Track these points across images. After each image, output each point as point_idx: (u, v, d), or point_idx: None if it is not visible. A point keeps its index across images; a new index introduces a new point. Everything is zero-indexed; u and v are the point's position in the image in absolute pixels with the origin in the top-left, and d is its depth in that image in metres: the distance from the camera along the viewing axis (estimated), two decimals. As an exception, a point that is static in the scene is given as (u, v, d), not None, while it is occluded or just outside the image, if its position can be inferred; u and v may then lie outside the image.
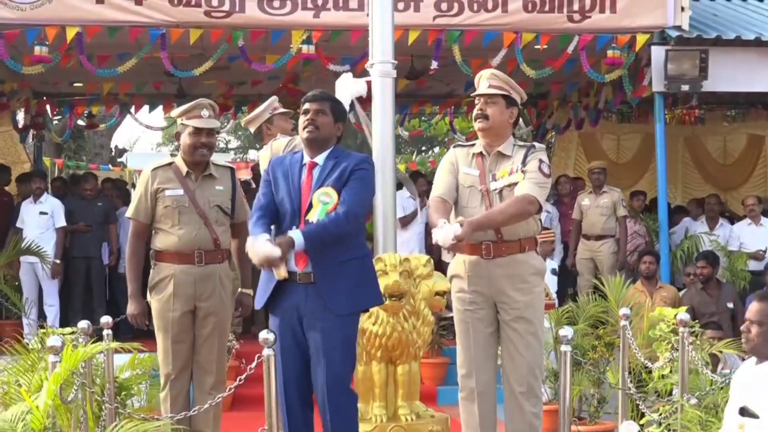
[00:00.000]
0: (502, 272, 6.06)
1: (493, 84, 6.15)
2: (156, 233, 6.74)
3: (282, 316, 5.82)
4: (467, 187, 6.13)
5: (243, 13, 11.23)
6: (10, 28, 11.13)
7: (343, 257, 5.75)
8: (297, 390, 5.88)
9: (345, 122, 6.10)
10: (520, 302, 6.06)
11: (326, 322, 5.71)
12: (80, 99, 16.56)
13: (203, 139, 6.74)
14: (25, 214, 12.63)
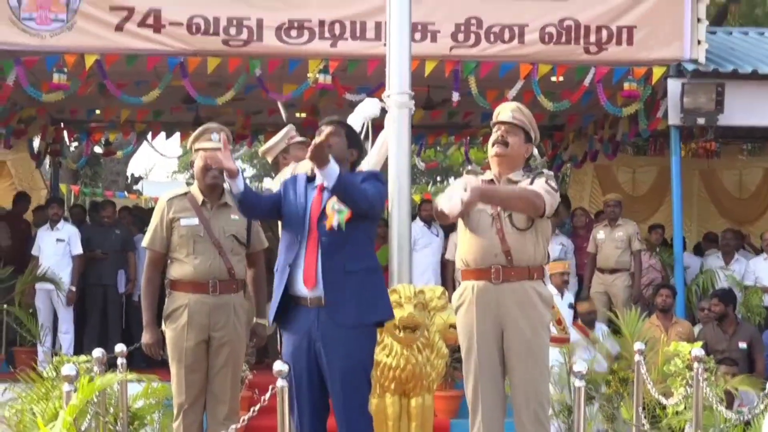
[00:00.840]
0: (511, 298, 6.02)
1: (517, 116, 6.17)
2: (171, 262, 6.74)
3: (294, 342, 5.83)
4: (477, 212, 6.11)
5: (261, 42, 11.29)
6: (29, 55, 11.21)
7: (350, 267, 5.74)
8: (311, 416, 5.88)
9: (360, 151, 6.12)
10: (528, 330, 6.01)
11: (338, 338, 5.71)
12: (97, 126, 16.63)
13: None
14: (42, 241, 12.64)
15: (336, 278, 5.72)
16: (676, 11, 11.70)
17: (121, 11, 11.15)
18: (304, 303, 5.77)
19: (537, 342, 6.07)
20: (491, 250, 6.01)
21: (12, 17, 11.02)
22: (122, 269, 13.04)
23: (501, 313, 6.00)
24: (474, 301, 6.04)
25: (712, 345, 10.88)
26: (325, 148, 5.53)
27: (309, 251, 5.77)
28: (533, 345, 6.05)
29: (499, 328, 6.05)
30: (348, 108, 12.33)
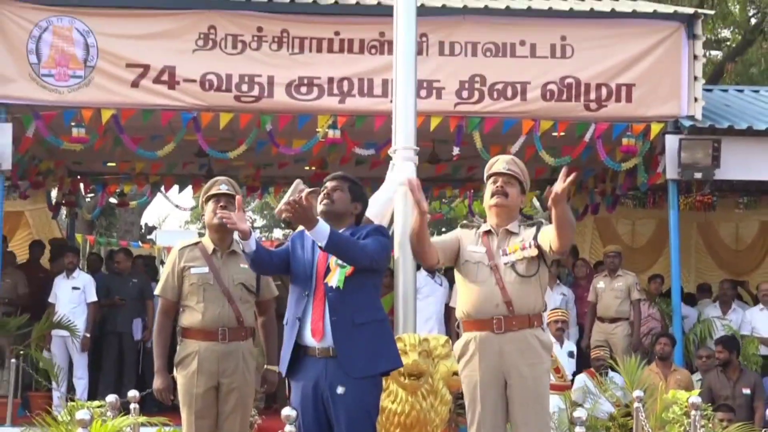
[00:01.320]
0: (513, 347, 5.99)
1: (513, 168, 6.19)
2: (183, 310, 6.76)
3: (303, 390, 5.83)
4: (475, 263, 6.11)
5: (271, 98, 11.36)
6: (48, 110, 11.29)
7: (359, 319, 5.76)
8: None
9: (364, 205, 6.15)
10: (530, 377, 5.99)
11: (346, 387, 5.72)
12: (112, 177, 16.69)
13: (222, 203, 6.79)
14: (58, 288, 12.67)
15: (345, 331, 5.74)
16: (674, 70, 11.77)
17: (136, 68, 11.24)
18: (312, 353, 5.79)
19: (540, 389, 6.06)
20: (492, 301, 6.00)
21: (32, 73, 11.12)
22: (139, 317, 13.05)
23: (504, 362, 5.98)
24: (477, 352, 6.02)
25: (717, 391, 10.90)
26: (307, 209, 5.56)
27: (316, 305, 5.80)
28: (536, 392, 6.04)
29: (502, 376, 6.02)
30: (356, 162, 12.49)
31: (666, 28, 11.84)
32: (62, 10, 11.24)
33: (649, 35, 11.82)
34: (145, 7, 11.48)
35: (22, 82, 11.14)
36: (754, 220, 16.67)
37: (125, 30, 11.33)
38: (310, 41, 11.45)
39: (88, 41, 11.19)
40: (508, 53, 11.58)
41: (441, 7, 11.72)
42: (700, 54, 11.83)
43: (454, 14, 11.64)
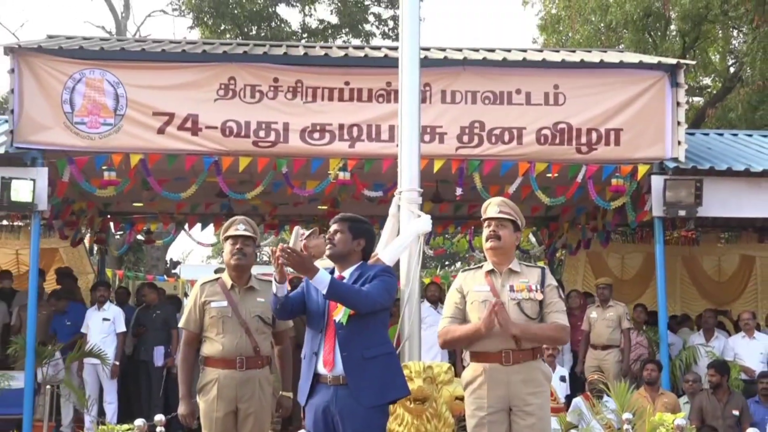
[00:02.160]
0: (519, 378, 6.03)
1: (503, 210, 6.24)
2: (204, 341, 6.78)
3: (315, 414, 5.87)
4: (481, 302, 6.14)
5: (287, 143, 11.40)
6: (80, 155, 11.36)
7: (368, 354, 5.81)
8: None
9: (368, 239, 6.18)
10: (534, 404, 6.02)
11: (357, 415, 5.76)
12: (140, 217, 16.75)
13: (238, 245, 6.83)
14: (90, 319, 12.71)
15: (355, 365, 5.79)
16: (659, 115, 11.80)
17: (162, 116, 11.32)
18: (324, 381, 5.85)
19: (543, 414, 6.10)
20: (501, 336, 6.02)
21: (66, 122, 11.19)
22: (161, 345, 13.05)
23: (510, 392, 6.01)
24: (486, 381, 6.05)
25: (707, 412, 10.87)
26: (305, 258, 5.67)
27: (327, 339, 5.86)
28: (540, 417, 6.07)
29: (508, 404, 6.06)
30: (365, 202, 12.51)
31: (651, 77, 11.89)
32: (94, 63, 11.34)
33: (636, 84, 11.86)
34: (170, 60, 11.59)
35: (57, 129, 11.21)
36: (735, 253, 16.69)
37: (152, 81, 11.41)
38: (323, 90, 11.52)
39: (118, 92, 11.26)
40: (505, 101, 11.63)
41: (443, 58, 11.83)
42: (682, 101, 11.86)
43: (454, 65, 11.72)
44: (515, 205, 6.35)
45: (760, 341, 12.88)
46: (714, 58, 25.21)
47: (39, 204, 11.17)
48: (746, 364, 12.41)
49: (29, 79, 11.25)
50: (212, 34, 27.48)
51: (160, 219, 16.59)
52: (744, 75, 23.50)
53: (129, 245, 19.58)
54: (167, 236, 19.12)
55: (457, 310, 6.25)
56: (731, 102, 24.18)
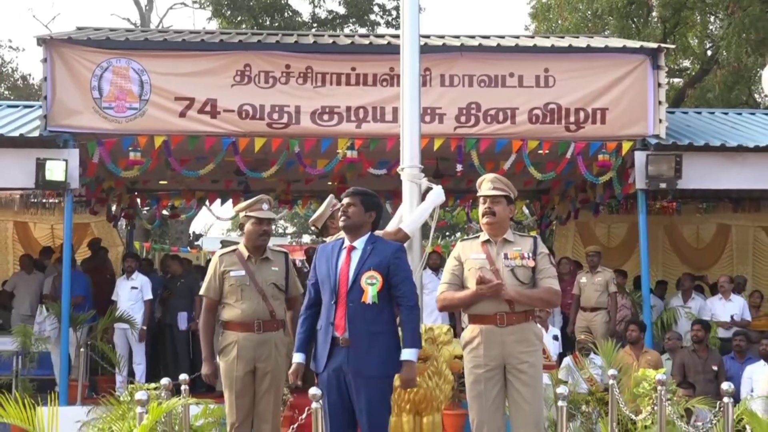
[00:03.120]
0: (513, 338, 6.08)
1: (497, 186, 6.29)
2: (224, 306, 6.81)
3: (329, 376, 5.90)
4: (477, 269, 6.17)
5: (298, 124, 11.38)
6: (108, 137, 11.36)
7: (374, 329, 5.84)
8: (341, 428, 5.94)
9: (378, 211, 6.20)
10: (527, 362, 6.07)
11: (366, 382, 5.83)
12: (164, 193, 16.77)
13: (264, 227, 6.84)
14: (120, 288, 12.76)
15: (362, 338, 5.85)
16: (641, 96, 11.75)
17: (183, 101, 11.30)
18: (337, 343, 5.89)
19: (535, 371, 6.14)
20: (495, 300, 6.08)
21: (95, 107, 11.18)
22: (184, 311, 13.10)
23: (505, 351, 6.06)
24: (482, 341, 6.10)
25: (690, 368, 10.91)
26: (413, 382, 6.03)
27: (339, 309, 5.92)
28: (533, 374, 6.12)
29: (503, 362, 6.10)
30: (371, 178, 12.52)
31: (634, 60, 11.84)
32: (120, 52, 11.33)
33: (620, 67, 11.80)
34: (190, 49, 11.58)
35: (87, 113, 11.21)
36: (712, 222, 16.65)
37: (174, 68, 11.39)
38: (331, 76, 11.49)
39: (143, 78, 11.25)
40: (499, 84, 11.59)
41: (441, 45, 11.79)
42: (663, 82, 11.81)
43: (452, 51, 11.68)
44: (507, 180, 6.40)
45: (736, 303, 12.92)
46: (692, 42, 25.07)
47: (71, 183, 11.18)
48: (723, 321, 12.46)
49: (61, 68, 11.24)
50: (229, 25, 27.42)
51: (183, 195, 16.63)
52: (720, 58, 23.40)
53: (157, 220, 19.60)
54: (190, 211, 19.16)
55: (455, 277, 6.28)
56: (708, 83, 24.10)
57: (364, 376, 5.83)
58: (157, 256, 21.02)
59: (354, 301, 5.86)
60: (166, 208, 17.83)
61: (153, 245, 23.36)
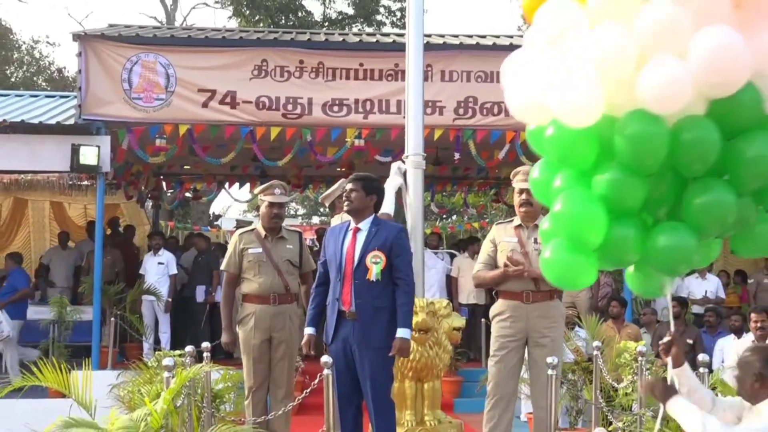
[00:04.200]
0: (537, 314, 6.21)
1: None
2: (243, 281, 6.82)
3: (337, 346, 5.90)
4: (510, 251, 6.32)
5: (311, 115, 11.36)
6: (137, 126, 11.35)
7: (378, 304, 5.84)
8: (349, 400, 5.96)
9: (379, 194, 6.19)
10: (548, 337, 6.20)
11: (370, 352, 5.83)
12: (188, 177, 16.77)
13: (275, 210, 6.83)
14: (147, 263, 12.78)
15: (367, 313, 5.85)
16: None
17: (206, 92, 11.28)
18: (344, 316, 5.91)
19: (555, 345, 6.32)
20: (523, 278, 6.23)
21: (125, 97, 11.17)
22: (202, 285, 13.11)
23: (529, 325, 6.20)
24: (509, 315, 6.22)
25: None
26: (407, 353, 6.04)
27: (346, 285, 5.91)
28: (552, 347, 6.28)
29: (526, 335, 6.27)
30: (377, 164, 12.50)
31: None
32: (148, 48, 11.30)
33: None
34: (212, 45, 11.59)
35: (117, 103, 11.19)
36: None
37: (197, 63, 11.36)
38: (341, 71, 11.45)
39: (169, 72, 11.22)
40: (495, 79, 11.53)
41: (442, 44, 11.78)
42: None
43: (452, 49, 11.66)
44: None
45: (711, 281, 12.91)
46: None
47: (103, 166, 11.18)
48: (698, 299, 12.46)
49: (94, 62, 11.21)
50: (248, 23, 27.36)
51: (204, 179, 16.63)
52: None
53: (179, 201, 19.59)
54: (210, 194, 19.15)
55: (489, 258, 6.41)
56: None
57: (369, 347, 5.82)
58: (181, 234, 21.02)
59: (360, 278, 5.85)
60: (189, 190, 17.84)
61: (177, 224, 23.33)
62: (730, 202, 3.78)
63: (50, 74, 29.71)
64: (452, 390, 10.90)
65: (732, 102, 3.71)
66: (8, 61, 28.80)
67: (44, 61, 30.32)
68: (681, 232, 3.86)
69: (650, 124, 3.70)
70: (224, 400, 7.66)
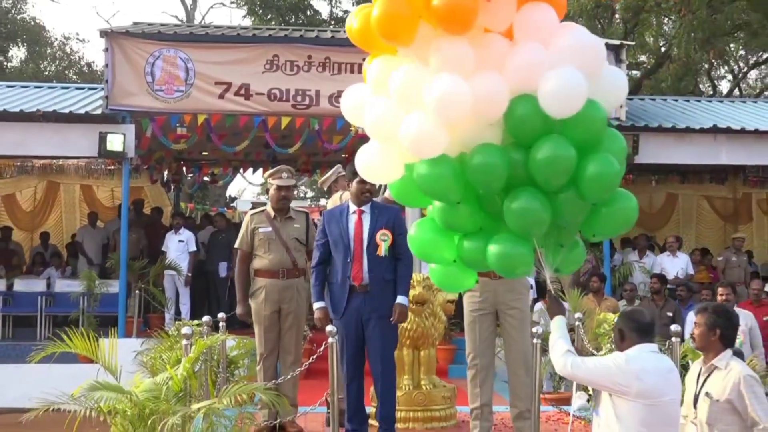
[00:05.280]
0: (503, 288, 6.11)
1: None
2: (255, 257, 6.80)
3: (349, 317, 5.94)
4: None
5: (318, 106, 11.35)
6: (159, 115, 11.34)
7: (386, 277, 5.92)
8: (357, 366, 6.05)
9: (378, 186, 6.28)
10: (515, 308, 6.11)
11: (382, 320, 5.91)
12: (206, 163, 16.76)
13: (283, 192, 6.81)
14: (168, 241, 12.77)
15: (378, 284, 5.93)
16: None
17: (222, 85, 11.27)
18: (355, 290, 5.96)
19: (522, 315, 6.21)
20: None
21: (148, 89, 11.16)
22: (224, 261, 13.10)
23: (497, 298, 6.10)
24: (479, 290, 6.10)
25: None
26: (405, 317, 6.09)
27: (356, 264, 5.96)
28: (520, 318, 6.19)
29: (495, 307, 6.17)
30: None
31: (600, 54, 11.74)
32: (169, 44, 11.28)
33: (588, 60, 11.71)
34: (228, 41, 11.54)
35: (141, 95, 11.18)
36: (662, 192, 16.58)
37: (214, 58, 11.34)
38: (346, 65, 11.42)
39: (188, 66, 11.20)
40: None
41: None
42: (624, 73, 11.69)
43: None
44: None
45: (681, 258, 12.88)
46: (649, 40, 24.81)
47: (128, 153, 11.21)
48: (670, 277, 12.41)
49: (119, 56, 11.19)
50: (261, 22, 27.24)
51: (221, 164, 16.61)
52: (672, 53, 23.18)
53: (199, 185, 19.57)
54: (226, 177, 19.15)
55: None
56: (662, 75, 23.93)
57: (381, 316, 5.90)
58: (199, 215, 21.02)
59: (371, 255, 5.91)
60: (207, 174, 17.84)
61: (196, 206, 23.33)
62: (537, 206, 4.11)
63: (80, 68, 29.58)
64: (446, 357, 10.92)
65: (518, 122, 4.10)
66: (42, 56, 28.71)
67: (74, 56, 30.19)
68: (508, 240, 4.25)
69: (438, 165, 4.19)
70: (238, 366, 7.70)
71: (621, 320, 4.38)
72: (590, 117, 4.14)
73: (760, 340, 9.39)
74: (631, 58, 23.80)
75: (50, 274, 13.30)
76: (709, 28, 20.84)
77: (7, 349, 11.70)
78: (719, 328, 4.59)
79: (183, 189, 18.84)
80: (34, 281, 13.01)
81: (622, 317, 4.40)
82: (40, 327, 12.24)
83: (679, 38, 21.04)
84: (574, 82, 4.00)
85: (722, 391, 4.48)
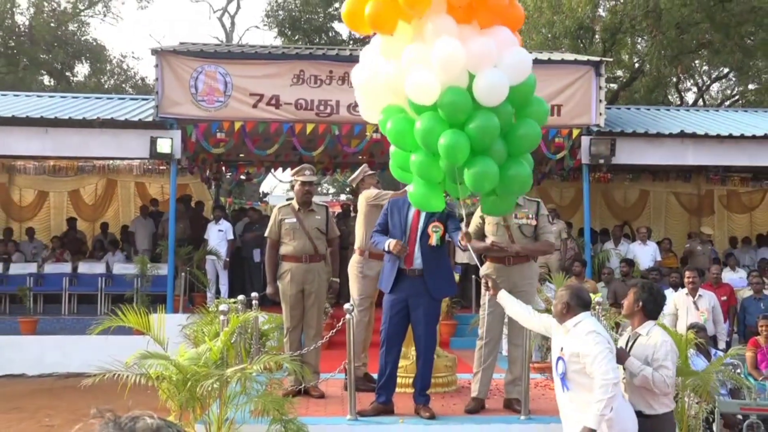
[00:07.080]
0: (516, 273, 6.08)
1: None
2: (282, 244, 6.78)
3: (398, 296, 5.84)
4: (494, 224, 6.16)
5: (338, 114, 11.31)
6: (201, 122, 11.33)
7: (437, 264, 5.86)
8: (398, 339, 5.93)
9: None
10: (523, 291, 6.03)
11: (429, 302, 5.82)
12: (242, 163, 16.76)
13: (306, 188, 6.78)
14: (210, 231, 12.80)
15: (432, 270, 5.80)
16: (587, 95, 11.63)
17: (255, 96, 11.24)
18: (404, 273, 5.83)
19: (528, 298, 6.12)
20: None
21: (192, 100, 11.16)
22: (258, 248, 13.10)
23: (510, 281, 6.01)
24: (494, 274, 6.05)
25: (620, 294, 10.81)
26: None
27: (409, 252, 5.83)
28: (527, 300, 6.09)
29: (508, 289, 6.08)
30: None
31: (582, 69, 11.69)
32: (210, 60, 11.27)
33: (572, 74, 11.65)
34: (260, 58, 11.48)
35: (186, 105, 11.17)
36: (636, 188, 16.52)
37: (249, 72, 11.31)
38: (362, 79, 11.37)
39: (227, 80, 11.19)
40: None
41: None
42: (603, 86, 11.68)
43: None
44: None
45: (650, 246, 12.83)
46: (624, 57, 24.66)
47: (175, 154, 11.23)
48: (641, 262, 12.34)
49: (168, 71, 11.18)
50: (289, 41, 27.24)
51: (255, 165, 16.61)
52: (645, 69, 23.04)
53: (236, 182, 19.57)
54: (260, 176, 19.14)
55: (477, 229, 6.24)
56: (636, 87, 23.78)
57: (431, 297, 5.79)
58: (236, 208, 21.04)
59: (424, 243, 5.79)
60: (243, 173, 17.85)
61: (234, 200, 23.35)
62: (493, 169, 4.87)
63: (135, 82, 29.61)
64: (449, 331, 10.91)
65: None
66: (102, 72, 28.78)
67: (130, 71, 30.21)
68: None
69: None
70: (269, 338, 7.69)
71: (569, 296, 4.42)
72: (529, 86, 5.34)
73: (721, 317, 9.32)
74: (609, 73, 23.63)
75: (109, 259, 13.35)
76: (677, 47, 20.72)
77: (72, 322, 11.83)
78: (642, 301, 4.72)
79: (222, 186, 18.86)
80: (95, 264, 13.07)
81: (571, 295, 4.43)
82: (100, 304, 12.30)
83: (650, 55, 20.93)
84: (500, 80, 4.96)
85: (642, 353, 4.61)
